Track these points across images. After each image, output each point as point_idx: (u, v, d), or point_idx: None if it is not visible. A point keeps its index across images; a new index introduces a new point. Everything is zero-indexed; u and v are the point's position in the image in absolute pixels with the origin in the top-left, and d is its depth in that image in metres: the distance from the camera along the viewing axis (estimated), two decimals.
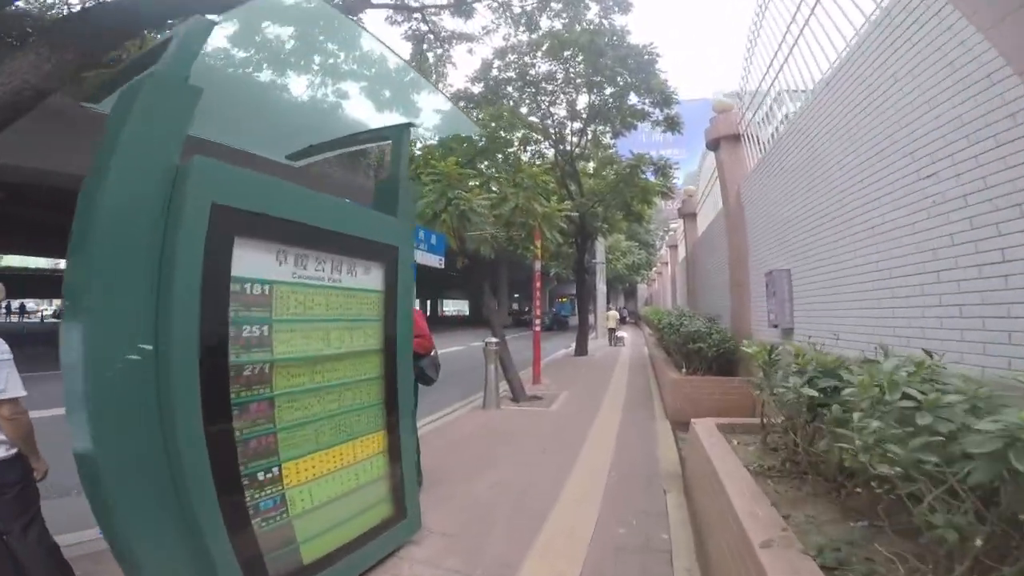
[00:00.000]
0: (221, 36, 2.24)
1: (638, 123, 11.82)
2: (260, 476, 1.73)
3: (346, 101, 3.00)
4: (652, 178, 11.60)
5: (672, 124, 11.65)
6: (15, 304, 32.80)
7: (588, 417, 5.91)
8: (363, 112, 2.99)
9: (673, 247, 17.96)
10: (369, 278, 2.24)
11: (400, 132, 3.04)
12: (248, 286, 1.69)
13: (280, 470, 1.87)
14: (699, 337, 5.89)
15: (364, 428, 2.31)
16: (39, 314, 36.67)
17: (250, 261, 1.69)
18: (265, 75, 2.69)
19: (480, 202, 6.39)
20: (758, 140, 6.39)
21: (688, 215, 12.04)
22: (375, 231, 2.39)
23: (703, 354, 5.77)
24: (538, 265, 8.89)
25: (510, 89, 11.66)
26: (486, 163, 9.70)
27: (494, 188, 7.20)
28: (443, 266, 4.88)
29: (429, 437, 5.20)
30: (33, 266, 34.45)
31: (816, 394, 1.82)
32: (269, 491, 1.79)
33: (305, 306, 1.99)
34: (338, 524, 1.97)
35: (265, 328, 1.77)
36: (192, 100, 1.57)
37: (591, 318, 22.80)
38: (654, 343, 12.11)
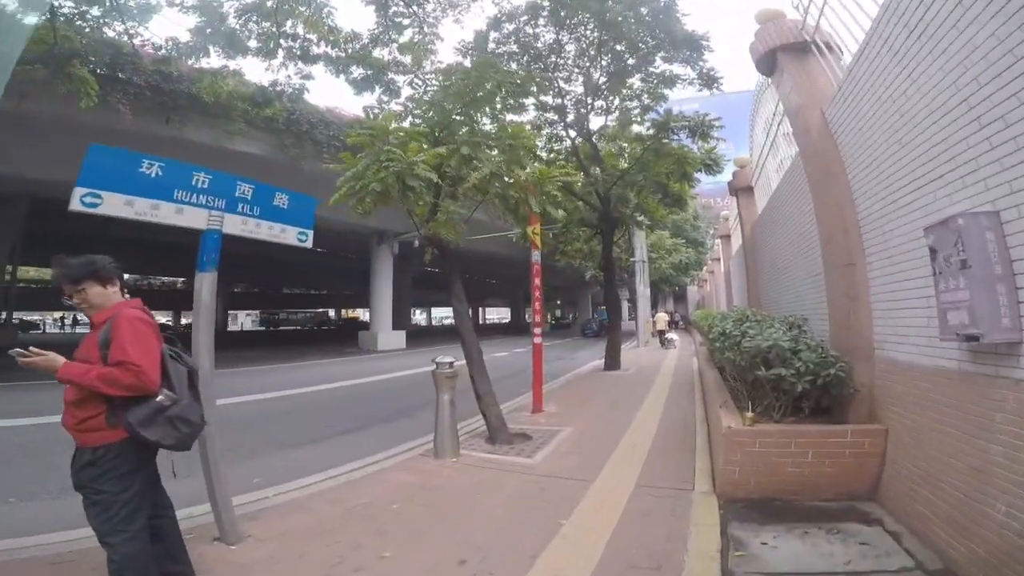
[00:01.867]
0: None
1: (669, 92, 9.35)
2: None
3: None
4: (690, 144, 9.00)
5: (708, 80, 8.93)
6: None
7: (582, 481, 3.60)
8: None
9: (725, 237, 14.99)
10: None
11: None
12: None
13: None
14: (778, 357, 3.39)
15: None
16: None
17: None
18: None
19: (422, 160, 4.39)
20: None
21: (742, 189, 9.35)
22: None
23: (785, 386, 3.30)
24: (536, 255, 6.69)
25: (514, 66, 9.64)
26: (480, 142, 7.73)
27: (465, 151, 5.14)
28: (309, 244, 2.88)
29: (309, 503, 3.22)
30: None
31: None
32: None
33: None
34: None
35: None
36: None
37: (632, 324, 20.10)
38: (705, 355, 9.43)
